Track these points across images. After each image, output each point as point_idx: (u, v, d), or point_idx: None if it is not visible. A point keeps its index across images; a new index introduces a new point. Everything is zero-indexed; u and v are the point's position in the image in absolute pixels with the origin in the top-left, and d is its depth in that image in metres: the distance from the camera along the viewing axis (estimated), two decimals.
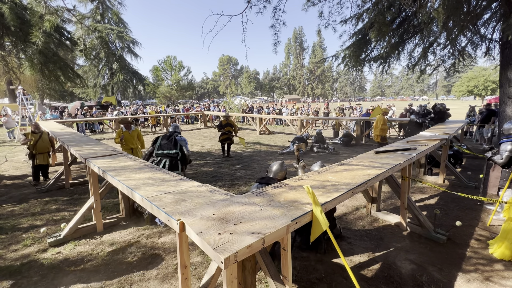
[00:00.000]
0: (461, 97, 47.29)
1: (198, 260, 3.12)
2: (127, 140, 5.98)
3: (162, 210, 1.85)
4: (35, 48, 6.09)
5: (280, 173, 3.22)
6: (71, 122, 13.78)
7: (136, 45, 28.34)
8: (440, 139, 4.72)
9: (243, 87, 71.91)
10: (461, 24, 5.51)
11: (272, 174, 3.23)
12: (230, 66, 76.40)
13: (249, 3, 4.67)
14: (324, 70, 70.61)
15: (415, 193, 5.23)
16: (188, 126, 19.62)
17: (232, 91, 67.10)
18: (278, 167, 3.25)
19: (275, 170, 3.24)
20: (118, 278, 2.82)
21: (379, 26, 5.79)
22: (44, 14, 5.40)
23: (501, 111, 5.94)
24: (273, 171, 3.24)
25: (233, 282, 1.45)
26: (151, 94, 38.55)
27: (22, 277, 2.85)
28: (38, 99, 27.13)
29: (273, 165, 3.31)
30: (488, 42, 6.93)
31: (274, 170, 3.25)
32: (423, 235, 3.57)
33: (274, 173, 3.22)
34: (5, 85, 15.57)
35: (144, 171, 2.92)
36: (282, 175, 3.29)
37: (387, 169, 2.85)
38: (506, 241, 3.04)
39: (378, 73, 9.34)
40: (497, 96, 22.12)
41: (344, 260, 1.76)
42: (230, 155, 8.84)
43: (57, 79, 8.03)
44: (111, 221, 4.04)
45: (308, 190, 1.72)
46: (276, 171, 3.24)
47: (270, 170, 3.30)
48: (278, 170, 3.23)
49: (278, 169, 3.24)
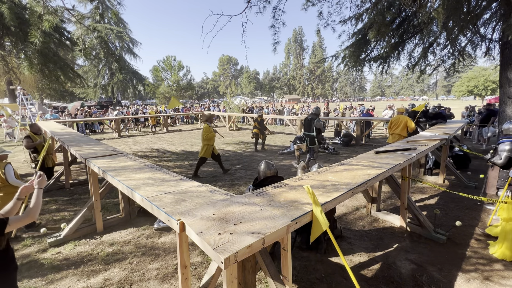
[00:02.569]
0: (461, 97, 47.26)
1: (198, 260, 3.12)
2: (213, 136, 6.57)
3: (162, 210, 1.85)
4: (33, 48, 6.07)
5: (268, 171, 3.13)
6: (71, 122, 13.79)
7: (135, 45, 28.41)
8: (440, 139, 4.72)
9: (243, 87, 71.89)
10: (461, 24, 5.51)
11: (262, 174, 3.14)
12: (230, 66, 76.37)
13: (249, 3, 4.67)
14: (324, 70, 70.67)
15: (415, 193, 5.23)
16: (188, 126, 19.62)
17: (232, 91, 67.04)
18: (265, 166, 3.15)
19: (262, 170, 3.15)
20: (118, 278, 2.82)
21: (378, 27, 5.79)
22: (43, 14, 5.39)
23: (501, 111, 5.94)
24: (261, 170, 3.16)
25: (233, 282, 1.46)
26: (151, 94, 38.55)
27: (22, 277, 2.85)
28: (38, 99, 27.11)
29: (260, 165, 3.21)
30: (488, 42, 6.93)
31: (262, 169, 3.15)
32: (423, 235, 3.57)
33: (262, 173, 3.13)
34: (5, 85, 15.55)
35: (144, 171, 2.92)
36: (272, 174, 3.19)
37: (387, 169, 2.85)
38: (506, 241, 3.04)
39: (378, 73, 9.30)
40: (497, 96, 22.13)
41: (344, 260, 1.76)
42: (257, 149, 9.84)
43: (58, 79, 8.02)
44: (111, 221, 4.04)
45: (308, 190, 1.72)
46: (264, 171, 3.15)
47: (259, 171, 3.22)
48: (266, 169, 3.13)
49: (265, 168, 3.14)
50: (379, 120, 11.85)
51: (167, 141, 12.56)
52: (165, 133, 15.82)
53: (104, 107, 26.05)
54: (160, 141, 12.60)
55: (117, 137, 14.22)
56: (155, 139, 13.16)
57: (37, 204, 1.78)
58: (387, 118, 11.25)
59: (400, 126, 6.83)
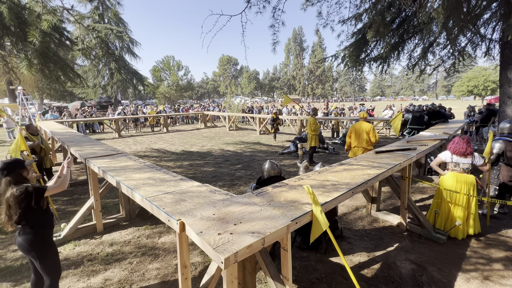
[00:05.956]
0: (461, 97, 47.30)
1: (198, 260, 3.12)
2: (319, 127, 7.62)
3: (162, 210, 1.85)
4: (32, 48, 6.05)
5: (272, 171, 3.20)
6: (71, 122, 13.79)
7: (135, 46, 28.42)
8: (440, 139, 4.72)
9: (243, 87, 71.85)
10: (461, 24, 5.51)
11: (265, 173, 3.21)
12: (230, 66, 76.32)
13: (248, 3, 4.67)
14: (324, 70, 70.58)
15: (415, 193, 5.24)
16: (188, 126, 19.62)
17: (232, 91, 67.02)
18: (269, 166, 3.23)
19: (267, 169, 3.23)
20: (118, 278, 2.82)
21: (377, 27, 5.78)
22: (42, 14, 5.38)
23: (501, 111, 5.94)
24: (266, 169, 3.23)
25: (233, 282, 1.46)
26: (150, 94, 38.55)
27: (22, 277, 2.85)
28: (38, 99, 27.11)
29: (264, 164, 3.30)
30: (488, 42, 6.93)
31: (267, 169, 3.23)
32: (423, 235, 3.57)
33: (267, 172, 3.20)
34: (5, 85, 15.55)
35: (144, 171, 2.92)
36: (276, 174, 3.26)
37: (387, 169, 2.85)
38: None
39: (378, 73, 9.30)
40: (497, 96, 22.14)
41: (344, 260, 1.76)
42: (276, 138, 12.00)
43: (58, 79, 8.01)
44: (111, 221, 4.04)
45: (308, 190, 1.72)
46: (268, 170, 3.22)
47: (263, 170, 3.29)
48: (270, 169, 3.21)
49: (270, 168, 3.22)
50: (379, 120, 11.86)
51: (167, 141, 12.56)
52: (165, 133, 15.82)
53: (104, 107, 26.05)
54: (160, 141, 12.60)
55: (117, 137, 14.22)
56: (155, 139, 13.16)
57: (66, 178, 2.43)
58: (387, 118, 11.25)
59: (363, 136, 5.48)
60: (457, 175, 3.45)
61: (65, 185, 2.38)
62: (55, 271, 2.28)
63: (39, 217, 2.18)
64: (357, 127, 5.52)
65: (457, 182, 3.42)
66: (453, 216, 3.48)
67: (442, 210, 3.57)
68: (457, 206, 3.44)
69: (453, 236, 3.49)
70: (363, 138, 5.42)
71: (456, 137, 3.54)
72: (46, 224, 2.25)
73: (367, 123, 5.51)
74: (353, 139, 5.57)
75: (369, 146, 5.40)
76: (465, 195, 3.38)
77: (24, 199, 2.05)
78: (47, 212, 2.27)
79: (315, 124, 7.42)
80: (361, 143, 5.47)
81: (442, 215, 3.58)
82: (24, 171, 2.21)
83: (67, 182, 2.41)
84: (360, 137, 5.46)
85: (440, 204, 3.60)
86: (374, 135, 5.37)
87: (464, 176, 3.42)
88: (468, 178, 3.42)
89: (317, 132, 7.53)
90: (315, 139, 7.49)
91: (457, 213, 3.45)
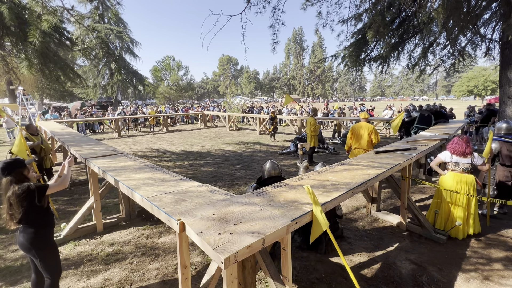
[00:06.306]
0: (461, 97, 47.29)
1: (198, 260, 3.12)
2: (319, 127, 7.70)
3: (162, 210, 1.85)
4: (33, 48, 6.06)
5: (273, 171, 3.21)
6: (71, 122, 13.79)
7: (135, 46, 28.45)
8: (440, 139, 4.72)
9: (243, 87, 71.86)
10: (461, 24, 5.51)
11: (266, 173, 3.23)
12: (230, 66, 76.32)
13: (248, 3, 4.67)
14: (324, 70, 70.56)
15: (415, 193, 5.24)
16: (188, 126, 19.63)
17: (232, 91, 67.00)
18: (270, 166, 3.24)
19: (268, 169, 3.24)
20: (118, 278, 2.82)
21: (377, 27, 5.78)
22: (42, 14, 5.38)
23: (501, 111, 5.95)
24: (266, 169, 3.25)
25: (233, 282, 1.46)
26: (150, 94, 38.58)
27: (22, 277, 2.85)
28: (38, 99, 27.12)
29: (265, 164, 3.31)
30: (488, 42, 6.93)
31: (268, 169, 3.25)
32: (423, 235, 3.57)
33: (267, 172, 3.22)
34: (5, 85, 15.56)
35: (144, 171, 2.92)
36: (276, 174, 3.28)
37: (387, 169, 2.85)
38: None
39: (377, 73, 9.29)
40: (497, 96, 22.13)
41: (344, 260, 1.76)
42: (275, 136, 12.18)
43: (58, 79, 8.02)
44: (111, 221, 4.04)
45: (308, 190, 1.72)
46: (268, 170, 3.24)
47: (264, 170, 3.30)
48: (271, 169, 3.22)
49: (271, 168, 3.24)
50: (379, 120, 11.86)
51: (167, 141, 12.56)
52: (165, 133, 15.82)
53: (104, 107, 26.05)
54: (160, 141, 12.60)
55: (117, 137, 14.22)
56: (155, 139, 13.16)
57: (67, 176, 2.49)
58: (387, 118, 11.25)
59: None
60: (457, 175, 3.46)
61: (66, 183, 2.43)
62: (55, 270, 2.29)
63: (40, 216, 2.21)
64: (358, 128, 5.44)
65: (457, 182, 3.42)
66: (453, 216, 3.49)
67: (442, 210, 3.57)
68: (457, 206, 3.45)
69: (454, 236, 3.48)
70: (364, 139, 5.32)
71: (456, 137, 3.54)
72: (47, 223, 2.28)
73: (368, 124, 5.44)
74: (354, 140, 5.47)
75: (370, 147, 5.29)
76: (465, 195, 3.38)
77: (26, 197, 2.08)
78: (48, 211, 2.30)
79: (315, 125, 7.44)
80: (362, 144, 5.35)
81: (442, 215, 3.58)
82: (25, 170, 2.23)
83: (68, 180, 2.47)
84: (361, 138, 5.37)
85: (440, 204, 3.60)
86: (376, 137, 5.29)
87: (464, 176, 3.43)
88: (468, 178, 3.42)
89: (317, 133, 7.51)
90: (314, 139, 7.51)
91: (457, 213, 3.45)
